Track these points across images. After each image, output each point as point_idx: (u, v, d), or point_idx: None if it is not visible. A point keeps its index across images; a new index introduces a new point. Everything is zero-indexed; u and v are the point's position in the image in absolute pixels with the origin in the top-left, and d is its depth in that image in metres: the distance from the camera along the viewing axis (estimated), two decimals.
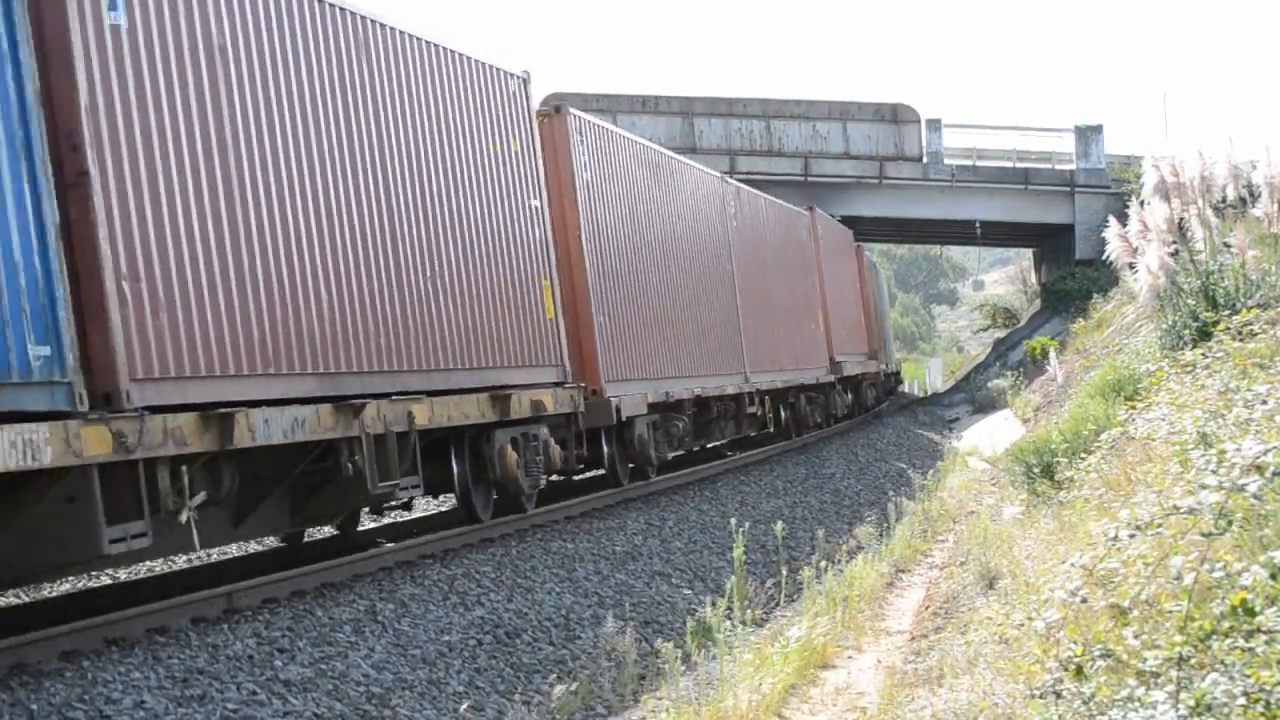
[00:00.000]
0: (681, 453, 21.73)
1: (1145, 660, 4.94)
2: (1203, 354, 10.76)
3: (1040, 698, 5.44)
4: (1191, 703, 4.54)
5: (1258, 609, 4.75)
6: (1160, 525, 5.76)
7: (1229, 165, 13.93)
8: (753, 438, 26.95)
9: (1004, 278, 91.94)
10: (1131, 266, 14.75)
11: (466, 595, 12.08)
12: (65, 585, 12.73)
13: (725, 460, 23.72)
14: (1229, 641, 4.73)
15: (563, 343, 16.42)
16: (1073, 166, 44.88)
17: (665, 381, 19.71)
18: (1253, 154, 14.37)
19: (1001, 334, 54.91)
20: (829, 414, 32.32)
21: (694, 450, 23.44)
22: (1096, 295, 36.21)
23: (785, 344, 27.73)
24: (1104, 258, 15.93)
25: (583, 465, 17.63)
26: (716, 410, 22.81)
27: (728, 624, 10.16)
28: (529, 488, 15.11)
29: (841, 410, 33.86)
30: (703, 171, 24.41)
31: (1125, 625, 5.41)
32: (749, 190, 27.70)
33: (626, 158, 19.86)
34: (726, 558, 14.66)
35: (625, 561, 14.76)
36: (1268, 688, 4.44)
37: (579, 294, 17.27)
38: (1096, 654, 5.19)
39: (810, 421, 29.94)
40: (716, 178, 25.19)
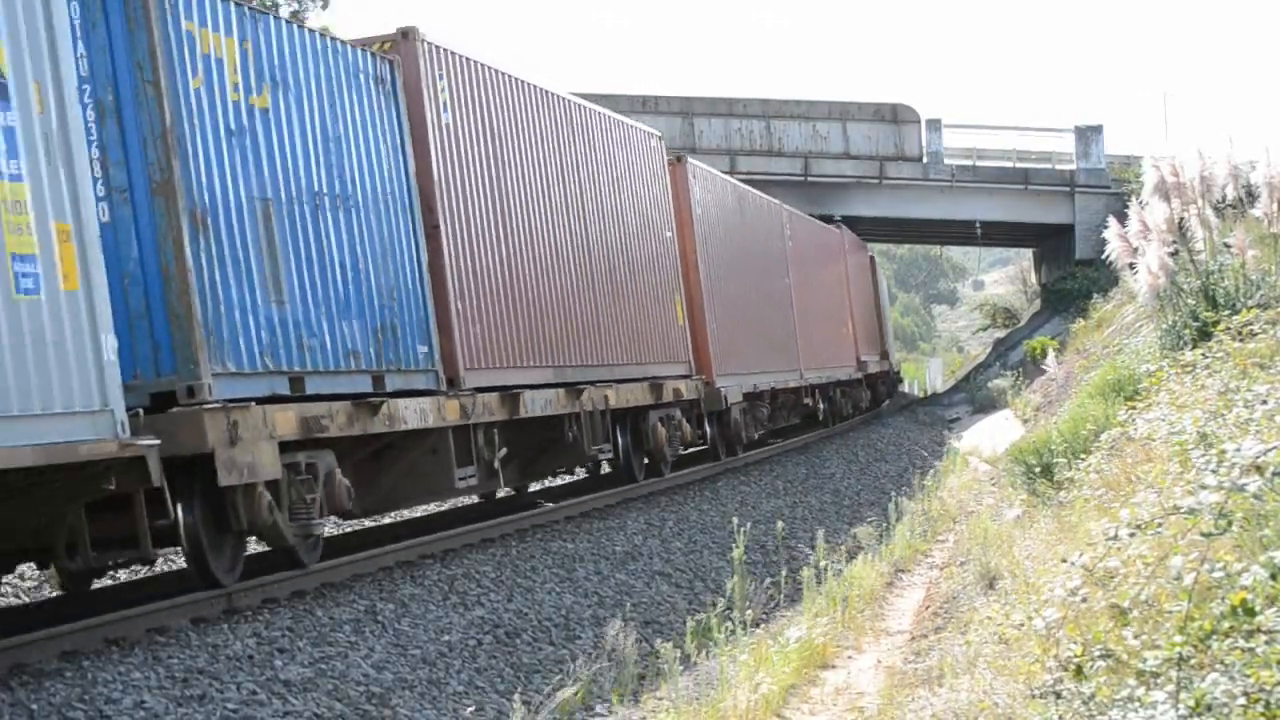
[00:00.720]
0: (763, 432, 25.89)
1: (1145, 660, 4.94)
2: (1203, 354, 10.75)
3: (1040, 698, 5.44)
4: (1191, 703, 4.54)
5: (1258, 609, 4.75)
6: (1160, 525, 5.76)
7: (1229, 165, 13.91)
8: (798, 425, 30.72)
9: (1004, 278, 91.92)
10: (1131, 266, 14.74)
11: (466, 595, 12.08)
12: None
13: (791, 440, 28.26)
14: (1229, 641, 4.73)
15: (688, 344, 20.95)
16: (1073, 166, 44.85)
17: (752, 376, 24.23)
18: (1253, 154, 14.36)
19: (1001, 334, 54.89)
20: (856, 406, 36.92)
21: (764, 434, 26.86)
22: (1096, 295, 36.19)
23: (825, 346, 32.01)
24: (1104, 258, 15.91)
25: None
26: (782, 400, 27.37)
27: (728, 624, 10.17)
28: (670, 456, 19.75)
29: (865, 403, 38.50)
30: (769, 200, 29.15)
31: (1125, 625, 5.40)
32: (798, 214, 32.29)
33: (724, 194, 24.80)
34: (726, 558, 14.66)
35: (625, 561, 14.76)
36: (1268, 688, 4.44)
37: (695, 305, 21.66)
38: (1096, 654, 5.18)
39: (844, 412, 34.73)
40: (777, 204, 29.62)
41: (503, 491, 17.56)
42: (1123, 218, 15.05)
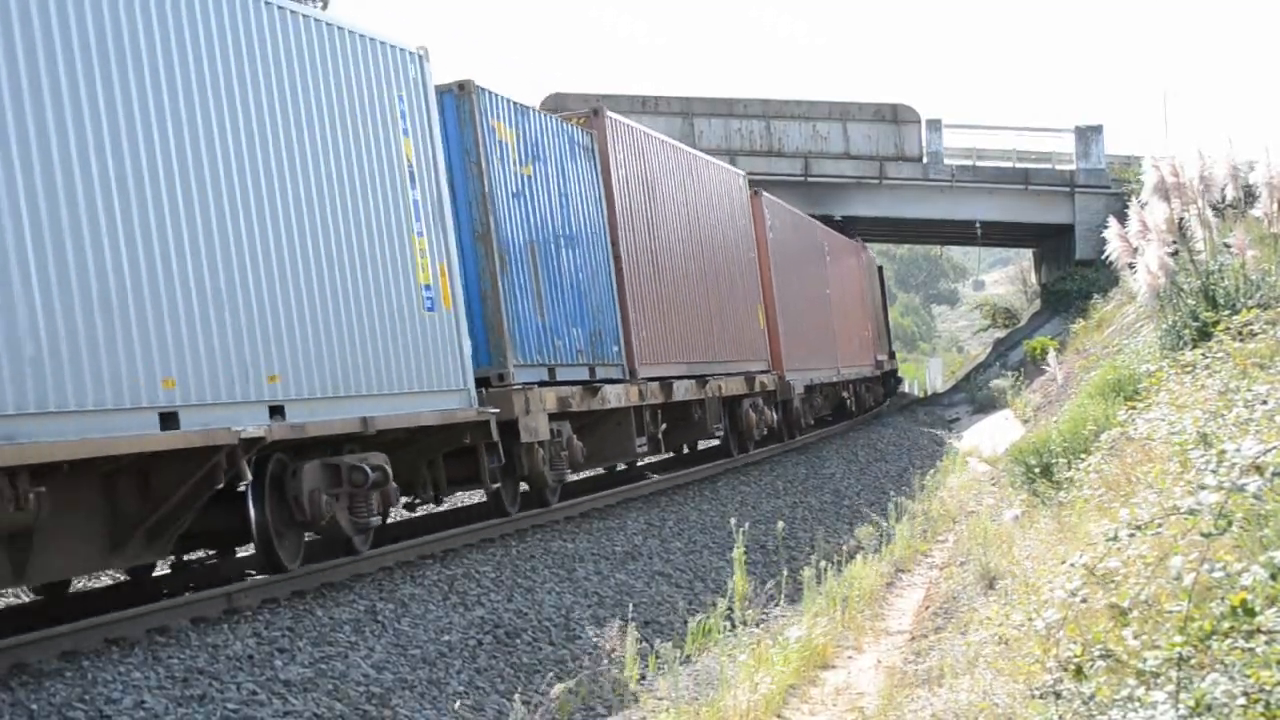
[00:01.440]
0: (814, 421, 30.57)
1: (1145, 660, 4.93)
2: (1203, 354, 10.74)
3: (1040, 698, 5.44)
4: (1191, 703, 4.53)
5: (1258, 609, 4.74)
6: (1160, 525, 5.76)
7: (1229, 165, 13.90)
8: (829, 418, 34.69)
9: (1004, 278, 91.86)
10: (1131, 266, 14.73)
11: (466, 595, 12.08)
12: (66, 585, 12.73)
13: (833, 427, 32.92)
14: (1229, 641, 4.73)
15: (767, 346, 25.83)
16: (1073, 166, 44.82)
17: (809, 372, 29.29)
18: (1253, 154, 14.35)
19: (1001, 334, 54.86)
20: (876, 399, 41.87)
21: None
22: (1096, 295, 36.18)
23: (853, 346, 36.55)
24: (1104, 258, 15.91)
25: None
26: (825, 393, 32.52)
27: (727, 624, 10.16)
28: (756, 436, 24.37)
29: (881, 397, 43.50)
30: (814, 221, 34.27)
31: (1125, 625, 5.40)
32: (830, 231, 36.48)
33: (786, 219, 29.64)
34: (726, 558, 14.66)
35: (625, 561, 14.76)
36: (1268, 688, 4.44)
37: (770, 313, 26.50)
38: (1096, 654, 5.18)
39: (866, 404, 39.50)
40: (818, 225, 34.72)
41: (655, 458, 22.81)
42: (1123, 218, 15.05)
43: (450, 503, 17.62)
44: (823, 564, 12.69)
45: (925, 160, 44.51)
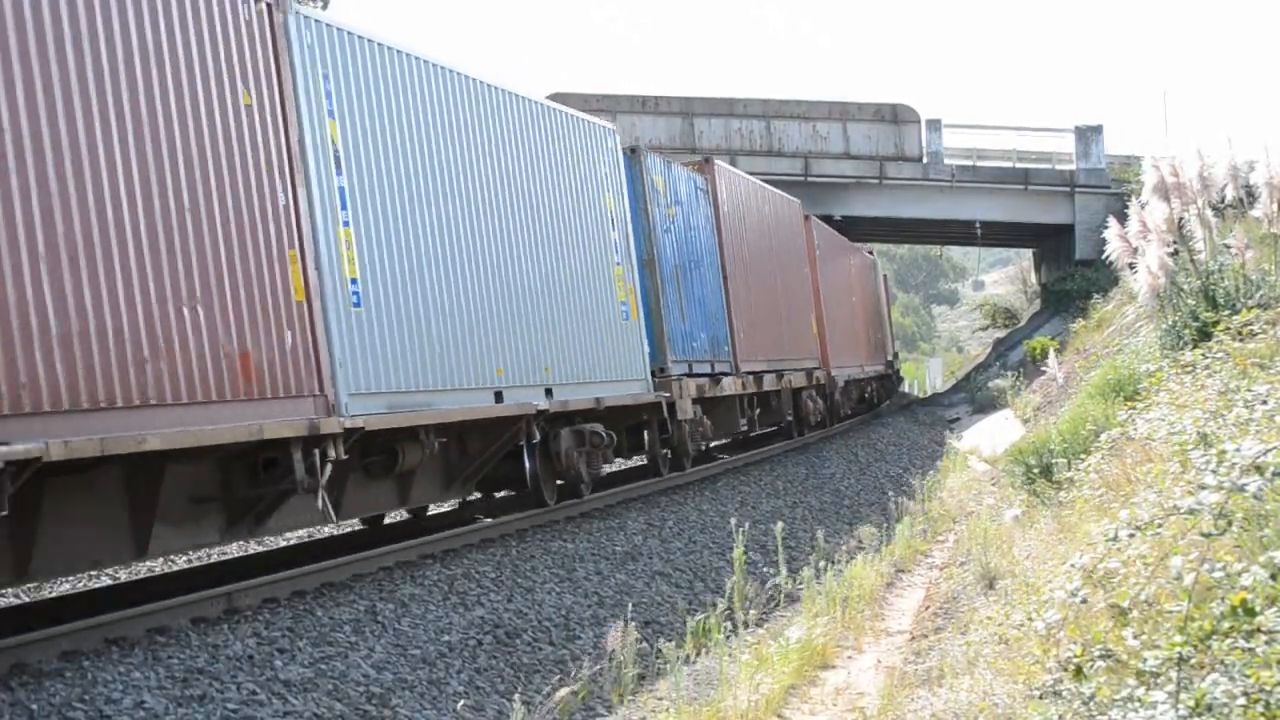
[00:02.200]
0: (850, 411, 35.93)
1: (1145, 660, 4.93)
2: (1203, 354, 10.74)
3: (1040, 698, 5.44)
4: (1191, 703, 4.53)
5: (1258, 609, 4.75)
6: (1160, 525, 5.76)
7: (1228, 165, 13.89)
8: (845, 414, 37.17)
9: (1004, 278, 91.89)
10: (1131, 266, 14.73)
11: (466, 595, 12.07)
12: (65, 585, 12.73)
13: (859, 418, 37.45)
14: (1229, 641, 4.73)
15: (818, 345, 30.70)
16: (1073, 167, 44.80)
17: (846, 369, 34.19)
18: (1252, 154, 14.34)
19: (1001, 334, 54.84)
20: (888, 394, 45.61)
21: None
22: (1096, 295, 36.16)
23: (871, 347, 40.90)
24: (1104, 258, 15.89)
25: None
26: (854, 388, 36.99)
27: (728, 624, 10.16)
28: (812, 422, 29.32)
29: (891, 392, 47.19)
30: (842, 238, 38.59)
31: (1125, 625, 5.40)
32: (849, 243, 39.98)
33: (826, 236, 34.63)
34: (726, 558, 14.65)
35: (625, 561, 14.75)
36: (1268, 688, 4.44)
37: (819, 319, 31.41)
38: (1096, 654, 5.18)
39: (881, 398, 43.42)
40: (847, 242, 39.33)
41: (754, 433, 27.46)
42: (1123, 218, 15.04)
43: (451, 503, 17.59)
44: (823, 564, 12.68)
45: (925, 160, 44.50)
